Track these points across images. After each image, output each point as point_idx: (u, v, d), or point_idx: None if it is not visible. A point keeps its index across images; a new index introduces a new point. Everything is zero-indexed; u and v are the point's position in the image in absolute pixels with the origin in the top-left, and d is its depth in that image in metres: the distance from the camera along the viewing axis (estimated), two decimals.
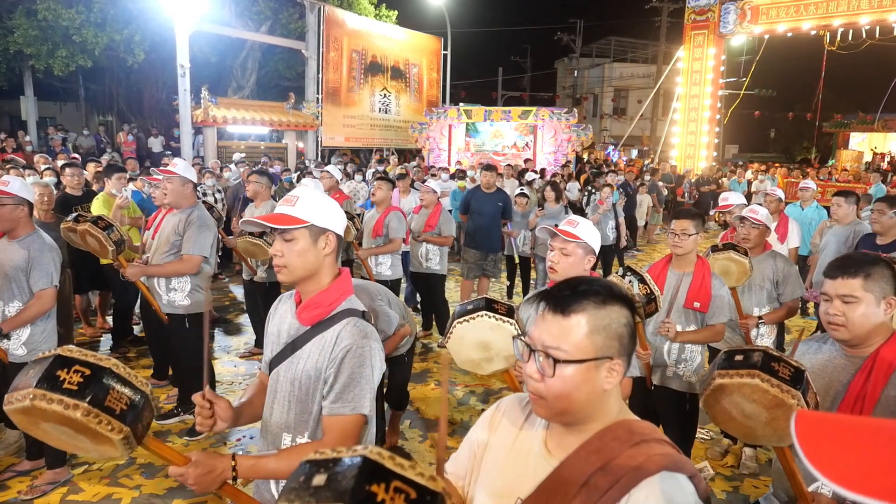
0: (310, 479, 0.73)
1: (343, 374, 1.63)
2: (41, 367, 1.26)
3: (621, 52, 34.09)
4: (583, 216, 3.44)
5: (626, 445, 1.10)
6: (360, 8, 19.38)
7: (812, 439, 0.67)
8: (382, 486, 0.71)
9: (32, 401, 1.20)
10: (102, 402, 1.25)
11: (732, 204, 5.06)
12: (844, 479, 0.60)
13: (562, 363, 1.10)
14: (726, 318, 3.14)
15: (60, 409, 1.21)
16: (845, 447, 0.65)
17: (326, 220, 1.70)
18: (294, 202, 1.69)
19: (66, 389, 1.22)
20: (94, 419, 1.23)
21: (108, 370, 1.29)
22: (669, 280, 3.17)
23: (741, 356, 1.59)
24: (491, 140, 17.93)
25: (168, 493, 3.39)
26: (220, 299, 7.46)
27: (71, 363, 1.26)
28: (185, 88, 13.34)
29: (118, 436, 1.26)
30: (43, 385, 1.22)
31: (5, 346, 3.22)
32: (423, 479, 0.74)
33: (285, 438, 1.74)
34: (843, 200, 5.25)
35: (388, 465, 0.73)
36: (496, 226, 6.81)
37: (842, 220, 5.25)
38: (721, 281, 3.18)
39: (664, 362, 3.19)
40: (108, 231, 3.86)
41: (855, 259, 1.85)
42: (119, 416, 1.27)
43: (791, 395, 1.48)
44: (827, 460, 0.63)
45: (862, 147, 25.86)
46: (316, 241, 1.69)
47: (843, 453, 0.64)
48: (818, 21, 15.80)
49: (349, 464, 0.73)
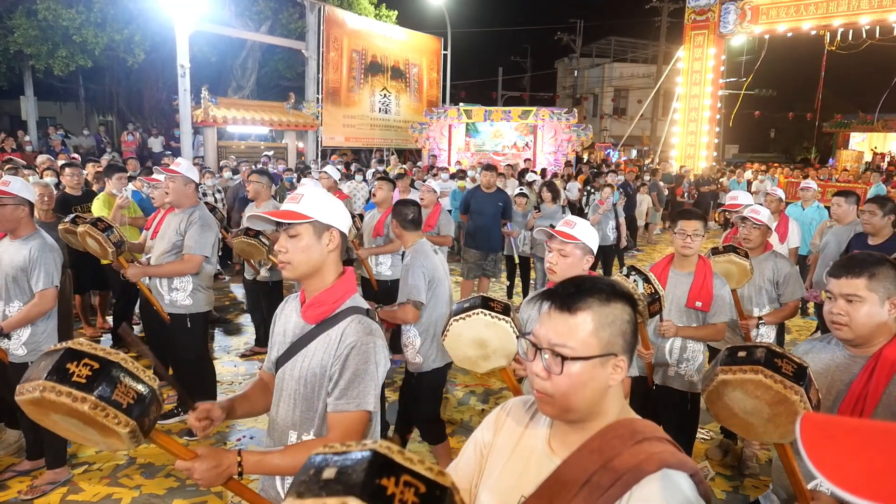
0: (320, 472, 0.73)
1: (347, 371, 1.65)
2: (52, 359, 1.28)
3: (621, 52, 34.11)
4: (582, 216, 3.44)
5: (628, 444, 1.11)
6: (360, 8, 19.39)
7: (817, 442, 0.66)
8: (392, 479, 0.70)
9: (42, 392, 1.23)
10: (110, 395, 1.27)
11: (742, 203, 4.93)
12: (849, 484, 0.60)
13: (569, 360, 1.11)
14: (727, 318, 3.15)
15: (69, 402, 1.23)
16: (850, 451, 0.64)
17: (331, 216, 1.73)
18: (299, 199, 1.72)
19: (75, 382, 1.25)
20: (101, 412, 1.25)
21: (117, 364, 1.32)
22: (671, 280, 3.18)
23: (744, 352, 1.59)
24: (491, 140, 17.94)
25: (168, 493, 3.39)
26: (221, 299, 7.46)
27: (81, 356, 1.29)
28: (185, 88, 13.34)
29: (125, 429, 1.29)
30: (52, 377, 1.25)
31: (5, 345, 3.22)
32: (433, 473, 0.74)
33: (291, 436, 1.76)
34: (842, 200, 5.26)
35: (398, 459, 0.74)
36: (496, 226, 6.81)
37: (842, 219, 5.25)
38: (723, 280, 3.19)
39: (666, 362, 3.19)
40: (108, 232, 3.86)
41: (860, 259, 1.85)
42: (126, 409, 1.29)
43: (794, 392, 1.48)
44: (832, 464, 0.63)
45: (862, 147, 25.87)
46: (320, 238, 1.72)
47: (848, 457, 0.63)
48: (818, 21, 15.81)
49: (359, 457, 0.73)
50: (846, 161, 21.89)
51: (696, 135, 18.34)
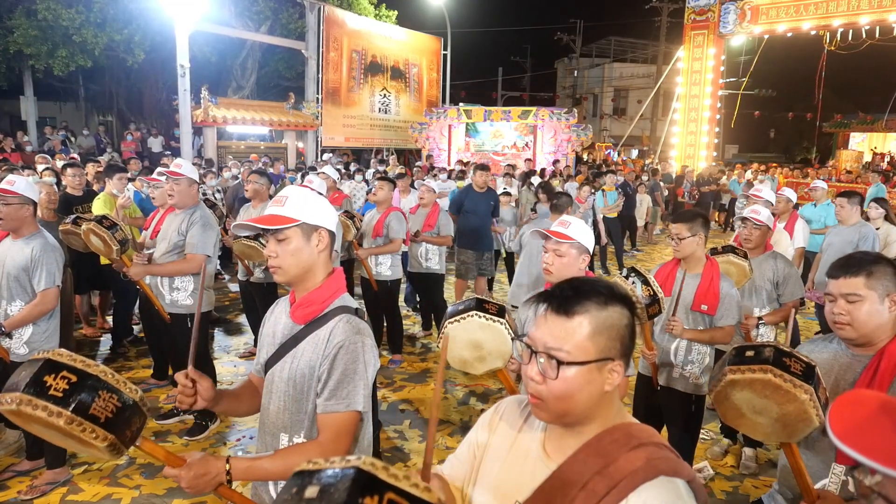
0: (302, 490, 0.72)
1: (336, 371, 1.63)
2: (31, 370, 1.27)
3: (621, 52, 34.10)
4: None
5: (625, 449, 1.09)
6: (360, 8, 19.38)
7: (847, 428, 0.67)
8: (376, 498, 0.70)
9: (19, 405, 1.22)
10: (87, 409, 1.25)
11: (764, 198, 4.81)
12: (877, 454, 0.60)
13: (564, 365, 1.09)
14: (735, 321, 3.08)
15: (45, 416, 1.22)
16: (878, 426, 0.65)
17: (317, 216, 1.70)
18: (283, 202, 1.69)
19: (52, 396, 1.23)
20: (77, 427, 1.24)
21: (96, 377, 1.29)
22: (678, 281, 3.12)
23: (752, 352, 1.59)
24: (491, 140, 17.93)
25: (168, 493, 3.39)
26: (221, 299, 7.46)
27: (59, 368, 1.27)
28: (185, 88, 13.34)
29: (102, 443, 1.27)
30: (29, 390, 1.23)
31: (7, 344, 3.22)
32: (418, 490, 0.73)
33: (282, 439, 1.74)
34: (845, 201, 5.15)
35: (382, 476, 0.72)
36: (489, 224, 6.93)
37: (845, 220, 5.16)
38: (730, 283, 3.13)
39: (671, 363, 3.15)
40: (113, 230, 3.87)
41: (856, 258, 1.86)
42: (104, 424, 1.27)
43: (804, 391, 1.47)
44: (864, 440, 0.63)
45: (862, 147, 25.85)
46: (309, 239, 1.69)
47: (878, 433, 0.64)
48: (818, 21, 15.79)
49: (342, 475, 0.72)
50: (846, 161, 21.88)
51: (696, 135, 18.33)
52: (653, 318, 2.72)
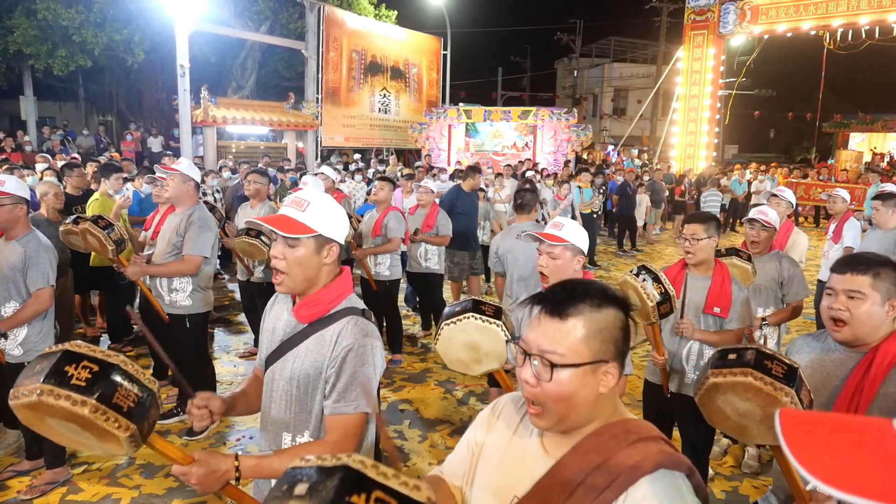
0: (292, 487, 0.73)
1: (345, 374, 1.63)
2: (49, 361, 1.24)
3: (621, 52, 34.08)
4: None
5: (624, 444, 1.09)
6: (359, 8, 19.38)
7: (798, 438, 0.67)
8: (363, 496, 0.70)
9: (40, 396, 1.19)
10: (110, 399, 1.24)
11: (787, 199, 4.70)
12: (831, 478, 0.61)
13: (558, 367, 1.09)
14: (747, 324, 3.03)
15: (68, 406, 1.20)
16: (831, 445, 0.65)
17: (334, 230, 1.67)
18: (304, 207, 1.63)
19: (75, 385, 1.21)
20: (101, 416, 1.22)
21: (117, 367, 1.29)
22: (686, 284, 3.06)
23: (734, 355, 1.59)
24: (490, 140, 17.93)
25: (168, 493, 3.39)
26: (221, 299, 7.46)
27: (79, 359, 1.26)
28: (185, 88, 13.33)
29: (125, 433, 1.26)
30: (51, 380, 1.21)
31: (2, 345, 3.21)
32: (407, 488, 0.72)
33: (285, 438, 1.74)
34: (880, 204, 4.68)
35: (371, 474, 0.73)
36: (476, 224, 7.06)
37: (882, 225, 4.69)
38: (741, 286, 3.07)
39: (682, 369, 3.07)
40: (108, 230, 3.86)
41: (866, 257, 1.85)
42: (126, 413, 1.26)
43: (784, 393, 1.47)
44: (814, 459, 0.64)
45: (862, 147, 25.83)
46: (319, 251, 1.66)
47: (830, 451, 0.64)
48: (818, 21, 15.80)
49: (331, 473, 0.73)
50: (846, 161, 21.87)
51: (696, 135, 18.33)
52: (664, 316, 2.67)
